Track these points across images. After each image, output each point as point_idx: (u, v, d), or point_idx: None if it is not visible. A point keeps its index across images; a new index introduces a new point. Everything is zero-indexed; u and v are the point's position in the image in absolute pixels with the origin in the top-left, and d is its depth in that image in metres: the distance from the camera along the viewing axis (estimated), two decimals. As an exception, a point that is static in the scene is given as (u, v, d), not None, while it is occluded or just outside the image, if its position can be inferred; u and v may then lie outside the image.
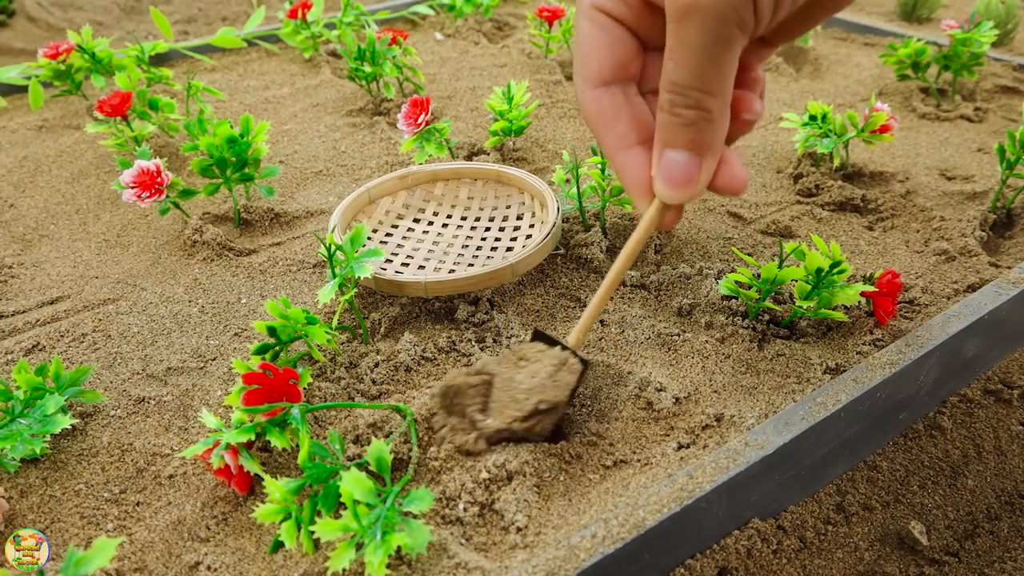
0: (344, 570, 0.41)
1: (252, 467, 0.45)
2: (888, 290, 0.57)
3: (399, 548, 0.41)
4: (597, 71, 0.40)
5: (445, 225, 0.73)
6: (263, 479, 0.43)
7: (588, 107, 0.40)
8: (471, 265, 0.66)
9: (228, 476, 0.46)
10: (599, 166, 0.68)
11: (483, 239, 0.70)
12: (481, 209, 0.74)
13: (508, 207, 0.73)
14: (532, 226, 0.70)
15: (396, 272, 0.66)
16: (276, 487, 0.42)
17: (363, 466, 0.45)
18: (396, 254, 0.69)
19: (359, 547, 0.40)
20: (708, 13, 0.34)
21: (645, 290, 0.65)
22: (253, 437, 0.46)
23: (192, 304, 0.66)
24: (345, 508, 0.40)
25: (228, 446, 0.45)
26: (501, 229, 0.71)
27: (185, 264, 0.71)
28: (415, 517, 0.41)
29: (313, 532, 0.40)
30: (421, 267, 0.67)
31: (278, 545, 0.43)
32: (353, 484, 0.40)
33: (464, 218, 0.73)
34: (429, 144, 0.76)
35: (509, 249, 0.68)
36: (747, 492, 0.47)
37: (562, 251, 0.69)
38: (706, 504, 0.44)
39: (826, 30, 1.31)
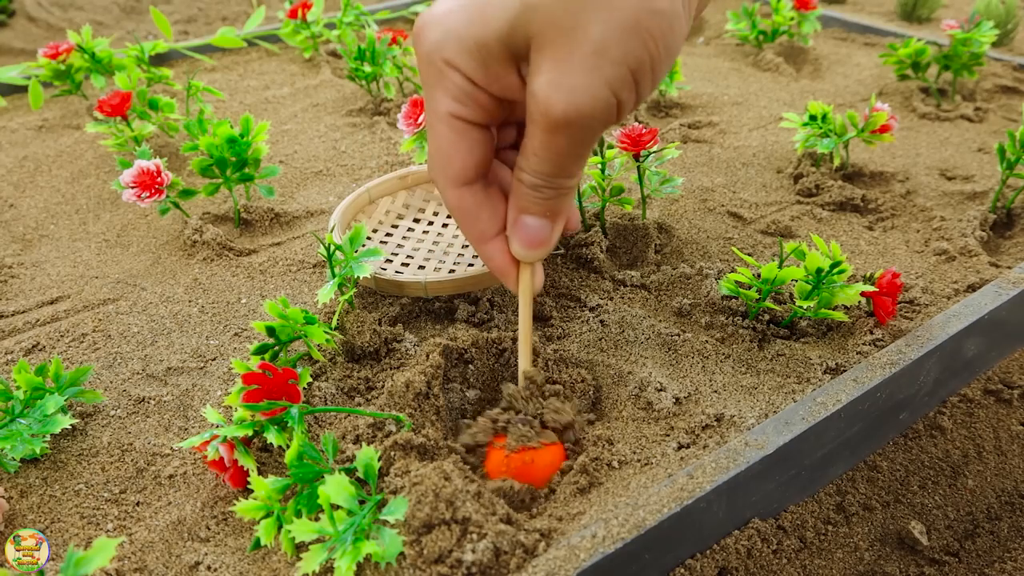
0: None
1: (245, 462, 0.45)
2: (888, 290, 0.57)
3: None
4: (459, 173, 0.43)
5: (445, 225, 0.73)
6: (255, 476, 0.43)
7: (452, 204, 0.44)
8: (471, 265, 0.66)
9: (222, 469, 0.46)
10: (599, 166, 0.68)
11: (483, 239, 0.70)
12: (481, 209, 0.74)
13: (508, 207, 0.73)
14: (532, 226, 0.70)
15: (396, 272, 0.66)
16: (261, 485, 0.42)
17: (352, 471, 0.45)
18: (396, 254, 0.69)
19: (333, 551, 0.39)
20: (578, 128, 0.37)
21: (645, 290, 0.65)
22: (251, 433, 0.46)
23: (192, 304, 0.66)
24: (335, 509, 0.40)
25: (225, 439, 0.45)
26: (501, 229, 0.71)
27: (185, 264, 0.71)
28: (391, 526, 0.40)
29: (289, 532, 0.40)
30: (421, 267, 0.67)
31: (258, 543, 0.43)
32: (334, 488, 0.40)
33: (464, 218, 0.73)
34: (429, 144, 0.76)
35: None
36: (747, 492, 0.47)
37: (562, 251, 0.69)
38: (706, 504, 0.44)
39: (826, 30, 1.31)
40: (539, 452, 0.47)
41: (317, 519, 0.42)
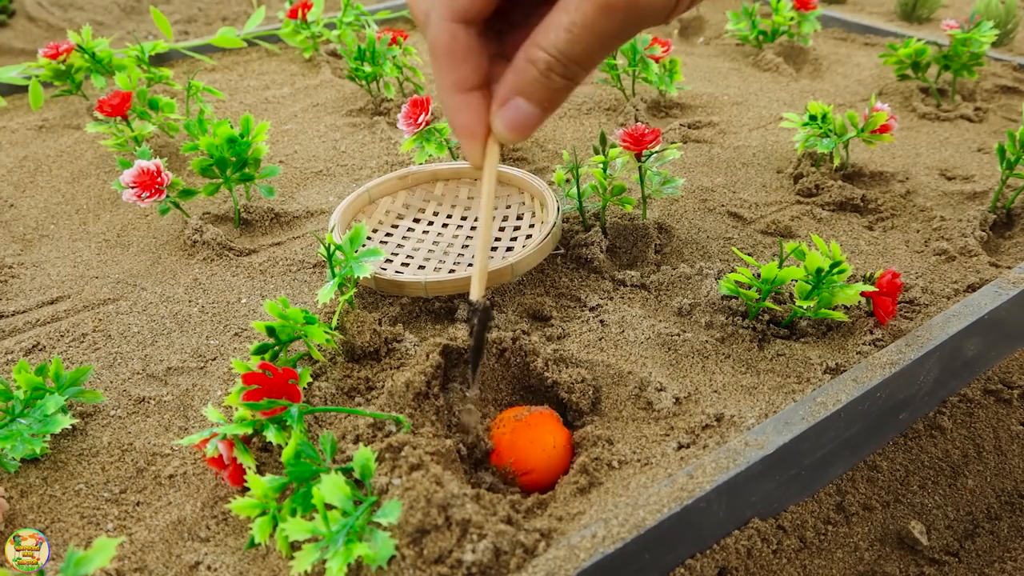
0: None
1: (244, 459, 0.45)
2: (888, 290, 0.57)
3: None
4: (465, 6, 0.39)
5: (445, 225, 0.73)
6: (251, 474, 0.43)
7: (442, 39, 0.40)
8: (471, 265, 0.66)
9: (221, 466, 0.46)
10: (600, 165, 0.68)
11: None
12: (481, 209, 0.74)
13: (508, 207, 0.73)
14: (532, 226, 0.70)
15: (396, 272, 0.66)
16: (258, 483, 0.42)
17: (349, 471, 0.45)
18: (396, 254, 0.69)
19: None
20: (632, 13, 0.35)
21: (645, 290, 0.65)
22: (251, 432, 0.46)
23: (192, 304, 0.66)
24: (329, 509, 0.40)
25: (225, 437, 0.45)
26: (501, 229, 0.71)
27: (185, 264, 0.71)
28: (384, 529, 0.40)
29: (284, 530, 0.40)
30: (421, 267, 0.67)
31: (253, 541, 0.42)
32: (330, 488, 0.40)
33: (464, 218, 0.73)
34: (429, 144, 0.76)
35: (509, 249, 0.68)
36: (747, 492, 0.47)
37: (562, 251, 0.69)
38: (706, 504, 0.44)
39: (826, 30, 1.31)
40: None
41: (312, 518, 0.42)
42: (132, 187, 0.68)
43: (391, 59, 0.98)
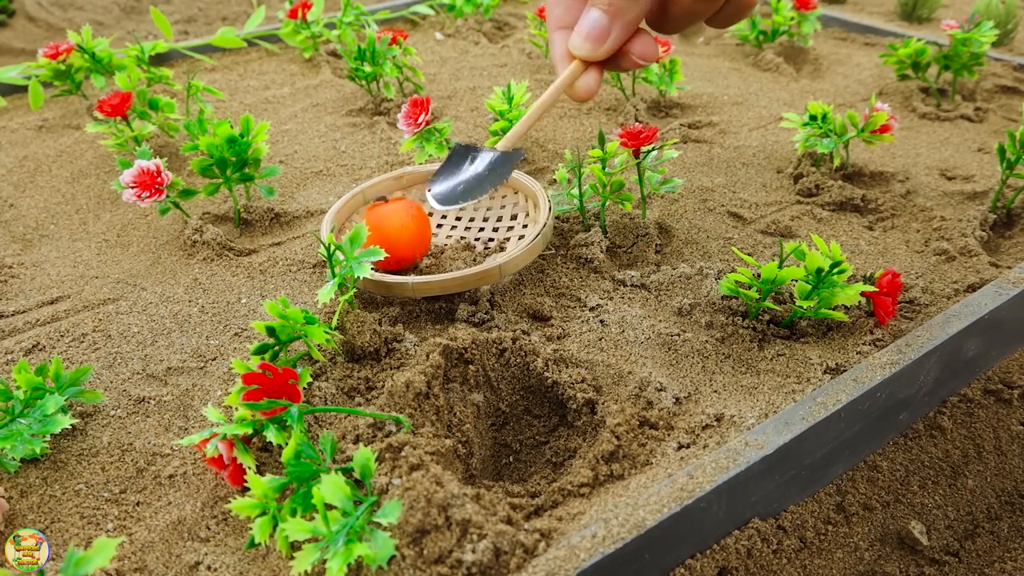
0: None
1: (244, 459, 0.45)
2: (888, 290, 0.57)
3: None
4: None
5: (440, 225, 0.73)
6: (251, 474, 0.43)
7: None
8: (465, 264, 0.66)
9: (221, 466, 0.46)
10: (599, 161, 0.67)
11: (476, 239, 0.70)
12: (476, 209, 0.74)
13: (503, 207, 0.73)
14: (526, 226, 0.70)
15: (385, 272, 0.66)
16: (258, 483, 0.42)
17: (349, 471, 0.44)
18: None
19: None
20: None
21: (645, 290, 0.65)
22: (251, 431, 0.46)
23: (192, 304, 0.66)
24: (329, 509, 0.40)
25: (225, 437, 0.45)
26: (495, 229, 0.71)
27: (185, 264, 0.71)
28: (384, 529, 0.40)
29: (284, 530, 0.40)
30: (421, 267, 0.67)
31: (253, 541, 0.42)
32: (330, 488, 0.40)
33: (459, 218, 0.73)
34: (429, 144, 0.76)
35: (503, 249, 0.68)
36: (747, 492, 0.47)
37: (551, 250, 0.69)
38: (706, 504, 0.44)
39: (826, 30, 1.31)
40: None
41: (312, 518, 0.42)
42: (132, 187, 0.68)
43: (391, 59, 0.98)
